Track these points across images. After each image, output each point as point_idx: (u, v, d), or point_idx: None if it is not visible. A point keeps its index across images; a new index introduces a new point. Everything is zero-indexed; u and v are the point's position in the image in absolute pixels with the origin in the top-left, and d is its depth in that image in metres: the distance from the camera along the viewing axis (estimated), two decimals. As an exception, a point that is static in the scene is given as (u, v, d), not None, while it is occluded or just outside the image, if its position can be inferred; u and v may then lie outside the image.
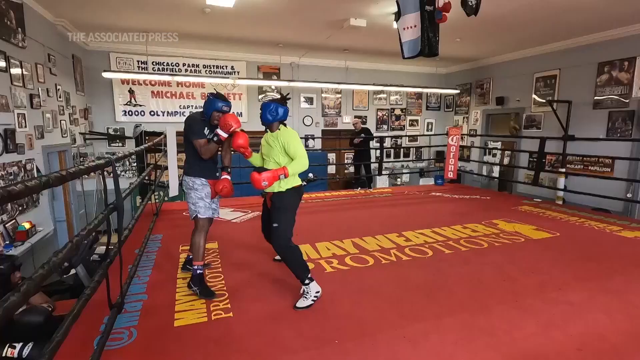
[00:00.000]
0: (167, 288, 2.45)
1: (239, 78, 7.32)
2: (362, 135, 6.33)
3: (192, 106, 7.37)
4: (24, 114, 3.97)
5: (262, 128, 2.50)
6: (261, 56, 7.59)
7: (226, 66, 7.43)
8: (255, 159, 2.61)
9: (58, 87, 5.06)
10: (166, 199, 5.64)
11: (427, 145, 9.05)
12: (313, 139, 8.20)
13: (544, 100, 6.59)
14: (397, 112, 9.25)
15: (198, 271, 2.34)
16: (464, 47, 6.87)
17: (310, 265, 2.80)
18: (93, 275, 3.08)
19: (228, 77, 7.15)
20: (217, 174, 2.58)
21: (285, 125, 2.44)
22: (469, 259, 2.99)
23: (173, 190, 4.64)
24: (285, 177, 2.25)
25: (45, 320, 2.16)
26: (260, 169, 2.38)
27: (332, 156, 8.70)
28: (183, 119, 7.85)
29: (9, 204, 3.56)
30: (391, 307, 2.20)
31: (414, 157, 9.52)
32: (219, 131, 2.35)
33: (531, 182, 5.57)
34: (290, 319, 2.08)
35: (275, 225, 2.28)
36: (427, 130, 9.56)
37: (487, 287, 2.47)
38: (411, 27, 3.35)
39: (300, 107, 8.27)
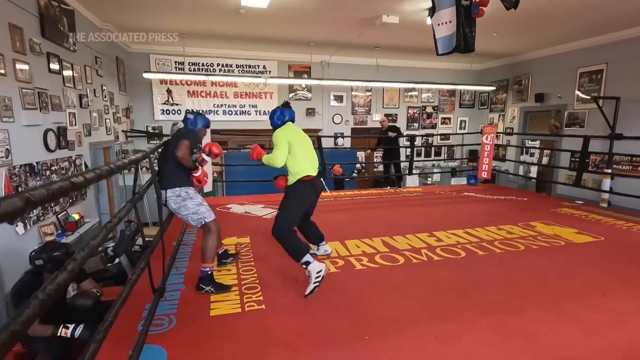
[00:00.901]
0: (203, 279, 2.56)
1: (271, 77, 7.46)
2: (389, 133, 6.25)
3: (225, 105, 7.60)
4: (74, 113, 4.27)
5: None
6: (292, 55, 7.68)
7: (258, 65, 7.59)
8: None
9: (103, 87, 5.39)
10: (200, 194, 5.87)
11: (459, 144, 8.80)
12: (342, 137, 8.21)
13: (589, 97, 6.21)
14: (429, 110, 9.06)
15: (209, 272, 2.36)
16: (501, 42, 6.62)
17: (340, 262, 2.84)
18: (135, 264, 3.28)
19: (260, 77, 7.30)
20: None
21: (289, 124, 2.66)
22: (504, 261, 2.90)
23: (207, 186, 4.82)
24: (259, 160, 2.61)
25: (95, 304, 2.33)
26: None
27: (361, 154, 8.65)
28: (217, 117, 8.07)
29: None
30: (422, 306, 2.19)
31: (445, 156, 9.29)
32: (205, 157, 2.53)
33: (573, 183, 5.28)
34: (321, 314, 2.11)
35: (278, 212, 2.49)
36: (460, 128, 9.29)
37: (523, 290, 2.39)
38: (446, 22, 3.27)
39: (330, 105, 8.29)
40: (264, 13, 4.83)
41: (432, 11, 3.47)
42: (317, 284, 2.27)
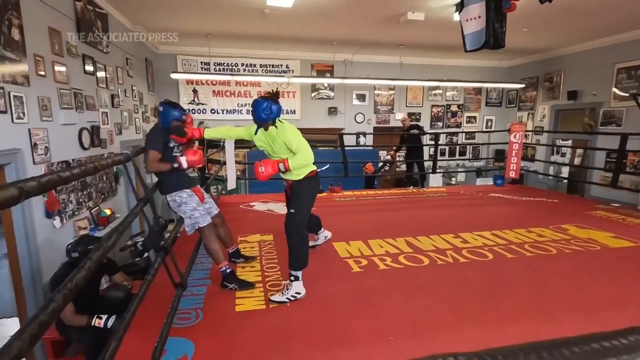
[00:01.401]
0: (228, 275, 2.60)
1: (294, 76, 7.49)
2: (412, 131, 6.14)
3: (248, 104, 7.69)
4: (107, 113, 4.44)
5: (315, 125, 2.56)
6: (315, 54, 7.69)
7: (281, 65, 7.65)
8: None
9: (133, 88, 5.58)
10: (224, 192, 5.98)
11: (485, 142, 8.55)
12: (364, 135, 8.15)
13: (627, 94, 5.88)
14: (454, 108, 8.85)
15: (227, 271, 2.37)
16: (531, 38, 6.37)
17: (363, 262, 2.82)
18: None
19: (283, 76, 7.35)
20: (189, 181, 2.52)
21: (280, 121, 2.38)
22: (534, 265, 2.79)
23: (231, 184, 4.91)
24: (286, 170, 2.25)
25: (126, 296, 2.41)
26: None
27: (383, 153, 8.56)
28: (241, 116, 8.20)
29: (94, 192, 4.01)
30: (448, 308, 2.14)
31: (470, 155, 9.05)
32: (182, 160, 2.33)
33: (609, 184, 5.02)
34: (345, 312, 2.11)
35: (292, 211, 2.30)
36: (486, 127, 9.02)
37: (556, 296, 2.29)
38: (475, 18, 3.18)
39: (352, 104, 8.25)
40: (289, 13, 4.85)
41: (460, 7, 3.38)
42: (288, 301, 2.17)
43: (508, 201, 5.17)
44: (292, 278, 2.22)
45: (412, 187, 6.26)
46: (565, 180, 7.21)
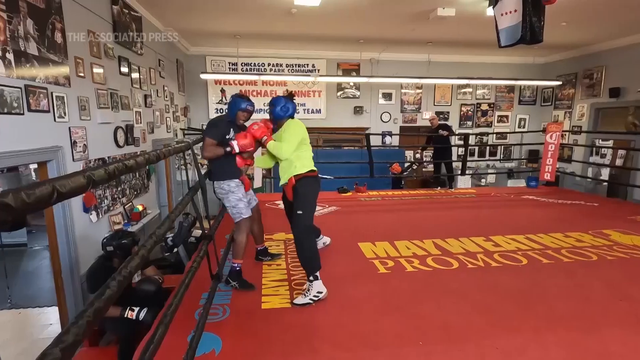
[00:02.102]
0: (254, 272, 2.62)
1: (319, 76, 7.49)
2: (440, 131, 5.97)
3: (274, 104, 7.76)
4: (140, 112, 4.61)
5: (340, 125, 2.56)
6: (341, 53, 7.65)
7: (307, 64, 7.66)
8: (260, 162, 2.70)
9: (165, 88, 5.76)
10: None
11: (518, 143, 8.20)
12: (390, 135, 8.03)
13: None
14: (484, 107, 8.55)
15: (237, 268, 2.38)
16: (570, 32, 6.04)
17: (390, 263, 2.77)
18: (191, 255, 3.46)
19: (309, 75, 7.36)
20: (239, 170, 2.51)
21: (292, 118, 2.49)
22: (573, 271, 2.64)
23: (257, 182, 4.97)
24: (264, 143, 2.38)
25: (157, 289, 2.49)
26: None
27: (409, 153, 8.41)
28: (267, 115, 8.26)
29: (128, 188, 4.17)
30: (480, 314, 2.06)
31: (501, 156, 8.71)
32: (234, 144, 2.33)
33: (655, 188, 4.68)
34: (371, 314, 2.07)
35: (299, 212, 2.30)
36: (519, 127, 8.66)
37: (598, 305, 2.15)
38: (510, 12, 3.04)
39: (378, 103, 8.15)
40: (316, 12, 4.85)
41: (495, 1, 3.25)
42: (312, 302, 2.16)
43: (543, 204, 4.93)
44: (311, 278, 2.21)
45: (439, 187, 6.10)
46: (605, 183, 6.79)
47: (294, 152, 2.37)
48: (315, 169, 2.46)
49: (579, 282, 2.46)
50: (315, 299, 2.17)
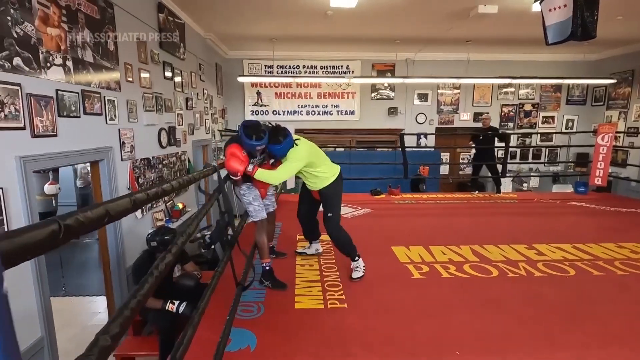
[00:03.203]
0: (287, 272, 2.66)
1: (354, 77, 7.47)
2: (490, 133, 5.68)
3: (308, 105, 7.85)
4: (181, 114, 4.83)
5: (374, 126, 2.60)
6: (376, 54, 7.58)
7: (341, 66, 7.67)
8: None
9: (205, 91, 6.00)
10: (282, 191, 6.17)
11: (565, 145, 7.71)
12: (425, 136, 7.84)
13: None
14: (527, 107, 8.12)
15: (267, 267, 2.44)
16: (626, 27, 5.60)
17: (424, 268, 2.71)
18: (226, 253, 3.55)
19: (344, 77, 7.37)
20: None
21: (296, 144, 2.47)
22: (627, 285, 2.44)
23: (290, 183, 5.04)
24: (250, 173, 2.32)
25: (196, 284, 2.59)
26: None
27: (445, 155, 8.17)
28: (301, 117, 8.36)
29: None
30: (521, 325, 1.96)
31: (546, 159, 8.23)
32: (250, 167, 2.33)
33: None
34: (405, 319, 2.03)
35: (329, 214, 2.57)
36: (566, 128, 8.14)
37: (656, 324, 1.97)
38: (559, 7, 2.87)
39: (413, 104, 7.99)
40: (352, 13, 4.84)
41: (542, -4, 3.08)
42: (363, 274, 2.54)
43: (593, 211, 4.60)
44: (356, 258, 2.56)
45: (477, 191, 5.86)
46: (667, 190, 6.21)
47: (315, 169, 2.53)
48: (337, 170, 2.64)
49: (634, 297, 2.27)
50: (364, 271, 2.55)
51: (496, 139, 5.99)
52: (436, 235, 3.49)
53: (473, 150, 5.93)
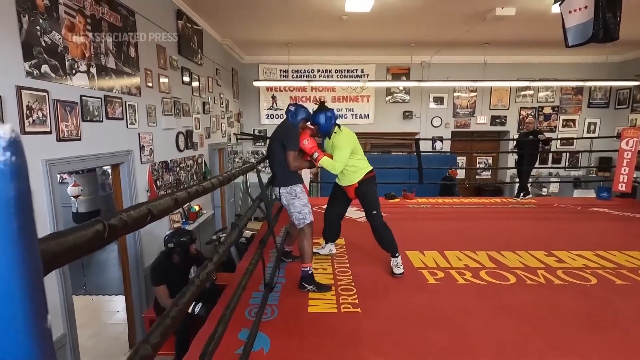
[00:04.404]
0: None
1: (368, 81, 7.47)
2: (531, 137, 5.42)
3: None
4: (199, 118, 4.93)
5: (389, 130, 2.60)
6: (391, 57, 7.57)
7: (356, 70, 7.68)
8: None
9: (221, 95, 6.11)
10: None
11: (586, 149, 7.48)
12: (441, 140, 7.75)
13: None
14: (547, 110, 7.94)
15: (310, 272, 2.40)
16: (651, 27, 5.42)
17: (440, 274, 2.68)
18: (241, 254, 3.60)
19: (359, 81, 7.37)
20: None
21: (339, 128, 2.62)
22: (653, 295, 2.35)
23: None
24: (315, 160, 2.53)
25: (211, 286, 2.63)
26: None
27: (461, 159, 8.06)
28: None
29: (186, 189, 4.47)
30: (539, 334, 1.91)
31: (566, 163, 8.01)
32: (315, 155, 2.51)
33: None
34: (419, 324, 2.01)
35: (374, 213, 2.61)
36: (588, 131, 7.91)
37: (685, 336, 1.89)
38: (580, 8, 2.80)
39: (429, 107, 7.92)
40: (366, 17, 4.86)
41: (562, -3, 3.02)
42: (403, 270, 2.61)
43: (617, 218, 4.44)
44: (397, 254, 2.62)
45: (522, 195, 5.53)
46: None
47: (351, 159, 2.57)
48: (371, 167, 2.68)
49: (661, 307, 2.18)
50: (403, 268, 2.62)
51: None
52: (452, 240, 3.44)
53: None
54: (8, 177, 0.24)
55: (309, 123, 2.60)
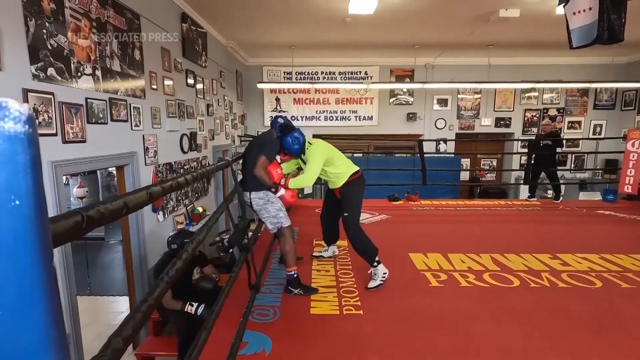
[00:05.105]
0: (303, 277, 2.64)
1: (372, 83, 7.47)
2: (549, 140, 5.33)
3: (326, 111, 7.89)
4: (203, 120, 4.96)
5: (393, 131, 2.59)
6: (394, 59, 7.56)
7: (360, 72, 7.68)
8: (286, 168, 2.69)
9: (225, 97, 6.14)
10: (300, 196, 6.21)
11: (592, 151, 7.42)
12: (445, 142, 7.72)
13: None
14: (552, 112, 7.88)
15: (295, 275, 2.38)
16: (658, 28, 5.37)
17: (443, 276, 2.66)
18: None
19: (362, 83, 7.38)
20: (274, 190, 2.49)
21: (309, 142, 2.59)
22: (660, 298, 2.32)
23: (307, 188, 5.07)
24: (283, 186, 2.48)
25: (214, 287, 2.64)
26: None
27: (465, 161, 8.02)
28: (319, 123, 8.37)
29: (190, 191, 4.50)
30: (545, 338, 1.89)
31: (572, 165, 7.95)
32: (282, 193, 2.48)
33: None
34: (422, 326, 2.00)
35: (345, 214, 2.53)
36: (594, 133, 7.84)
37: (692, 341, 1.87)
38: (584, 10, 2.79)
39: (433, 109, 7.90)
40: (370, 19, 4.86)
41: (566, -1, 3.00)
42: (382, 282, 2.42)
43: (622, 220, 4.40)
44: (375, 264, 2.46)
45: (556, 197, 5.48)
46: None
47: (330, 167, 2.57)
48: (356, 168, 2.66)
49: (667, 311, 2.15)
50: (384, 279, 2.44)
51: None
52: (455, 242, 3.43)
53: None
54: (26, 144, 0.32)
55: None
